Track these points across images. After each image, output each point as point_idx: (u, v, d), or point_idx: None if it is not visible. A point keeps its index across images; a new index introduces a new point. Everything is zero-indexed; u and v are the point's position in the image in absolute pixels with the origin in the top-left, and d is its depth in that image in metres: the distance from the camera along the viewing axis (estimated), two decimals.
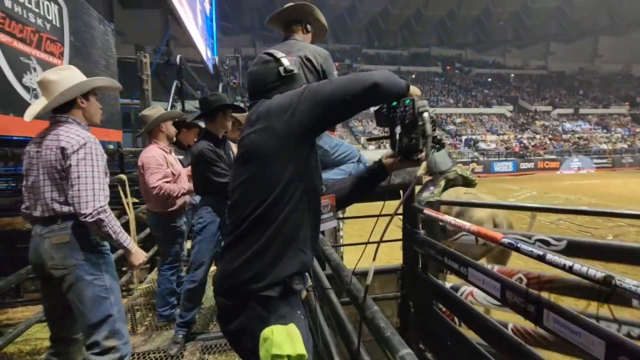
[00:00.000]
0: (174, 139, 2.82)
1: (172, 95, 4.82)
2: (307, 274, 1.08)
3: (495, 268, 1.62)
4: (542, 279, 1.48)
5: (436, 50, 37.26)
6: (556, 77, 36.35)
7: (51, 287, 1.56)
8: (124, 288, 3.34)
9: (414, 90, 1.06)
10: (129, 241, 1.56)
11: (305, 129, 0.93)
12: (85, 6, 2.48)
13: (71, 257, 1.49)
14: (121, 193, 2.97)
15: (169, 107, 4.57)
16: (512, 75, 36.17)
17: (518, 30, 37.27)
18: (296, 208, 0.96)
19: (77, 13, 2.36)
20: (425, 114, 0.97)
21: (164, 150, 2.59)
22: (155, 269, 3.62)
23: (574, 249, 1.40)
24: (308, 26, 1.89)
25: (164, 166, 2.52)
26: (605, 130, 27.50)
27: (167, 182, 2.49)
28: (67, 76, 1.53)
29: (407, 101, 0.98)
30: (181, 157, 3.02)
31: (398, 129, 0.99)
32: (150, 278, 3.44)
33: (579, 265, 1.17)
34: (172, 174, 2.59)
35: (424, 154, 0.98)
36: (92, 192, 1.43)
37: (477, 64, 37.04)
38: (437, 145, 1.06)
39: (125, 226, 3.16)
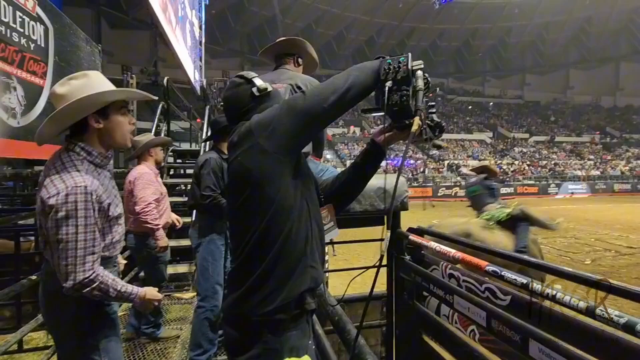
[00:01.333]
0: (162, 164, 2.99)
1: (157, 116, 4.78)
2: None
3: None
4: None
5: None
6: (532, 107, 38.12)
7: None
8: None
9: None
10: (134, 294, 1.25)
11: (289, 143, 0.92)
12: (73, 28, 2.47)
13: (59, 311, 1.24)
14: None
15: (154, 128, 4.53)
16: (491, 103, 37.75)
17: (496, 62, 39.28)
18: (298, 222, 0.94)
19: (64, 34, 2.35)
20: (419, 72, 0.93)
21: (152, 171, 2.71)
22: None
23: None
24: (299, 59, 1.94)
25: (155, 183, 2.65)
26: (578, 158, 28.74)
27: (156, 199, 2.60)
28: (79, 87, 1.18)
29: (402, 58, 0.94)
30: None
31: (389, 84, 0.94)
32: (125, 306, 3.27)
33: (562, 294, 1.18)
34: (160, 193, 2.71)
35: (416, 118, 0.93)
36: (73, 261, 1.13)
37: (458, 92, 38.57)
38: (437, 129, 1.00)
39: None
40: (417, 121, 0.93)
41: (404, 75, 0.93)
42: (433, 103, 1.04)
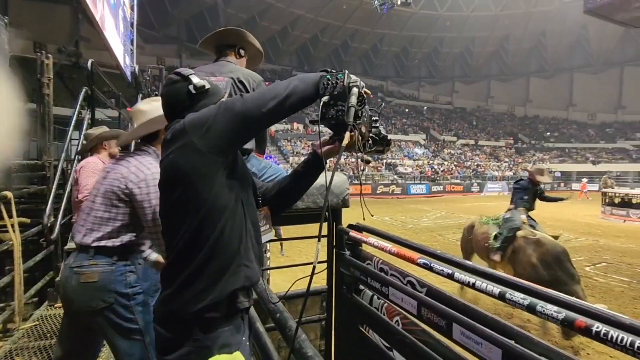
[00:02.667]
0: (117, 157, 2.98)
1: (79, 102, 4.28)
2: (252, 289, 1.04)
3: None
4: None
5: (362, 79, 40.02)
6: (459, 112, 41.85)
7: (74, 325, 1.51)
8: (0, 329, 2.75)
9: (351, 77, 1.07)
10: None
11: (224, 144, 0.92)
12: None
13: (98, 299, 1.42)
14: (4, 213, 2.50)
15: (74, 115, 4.05)
16: (425, 107, 40.61)
17: (430, 69, 42.33)
18: (232, 221, 0.94)
19: None
20: (355, 89, 0.98)
21: (102, 162, 2.64)
22: (45, 303, 3.07)
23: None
24: (241, 51, 1.87)
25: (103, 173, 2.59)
26: (496, 160, 32.32)
27: None
28: (158, 107, 1.48)
29: (340, 74, 0.99)
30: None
31: (326, 98, 0.99)
32: (38, 315, 2.90)
33: (480, 281, 1.33)
34: None
35: (347, 133, 0.97)
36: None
37: (396, 95, 40.80)
38: (383, 142, 1.10)
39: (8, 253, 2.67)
40: (347, 136, 0.98)
41: (340, 91, 0.97)
42: (376, 118, 1.10)
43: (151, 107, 1.53)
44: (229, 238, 0.93)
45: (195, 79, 1.02)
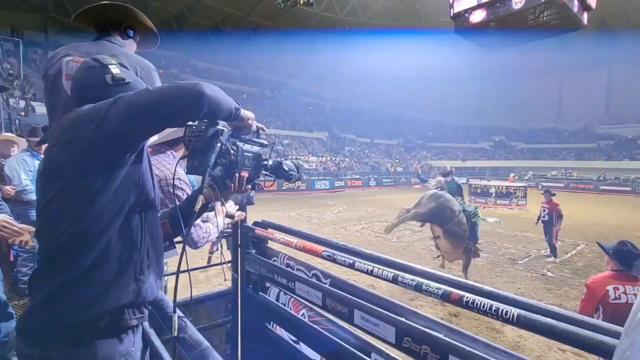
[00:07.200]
0: None
1: None
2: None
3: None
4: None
5: (267, 74, 39.90)
6: (359, 112, 45.12)
7: None
8: None
9: (246, 113, 1.07)
10: None
11: (116, 139, 0.83)
12: None
13: None
14: None
15: None
16: (328, 106, 42.58)
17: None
18: (125, 228, 0.85)
19: None
20: (218, 145, 0.95)
21: None
22: None
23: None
24: (129, 31, 1.62)
25: None
26: (389, 157, 35.97)
27: None
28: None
29: (203, 126, 0.96)
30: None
31: (189, 152, 0.98)
32: None
33: (377, 268, 1.45)
34: None
35: (200, 197, 0.97)
36: None
37: (301, 93, 41.70)
38: (286, 177, 1.15)
39: None
40: (200, 199, 0.96)
41: (200, 145, 0.95)
42: (265, 158, 1.13)
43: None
44: (119, 246, 0.84)
45: (115, 70, 0.93)
